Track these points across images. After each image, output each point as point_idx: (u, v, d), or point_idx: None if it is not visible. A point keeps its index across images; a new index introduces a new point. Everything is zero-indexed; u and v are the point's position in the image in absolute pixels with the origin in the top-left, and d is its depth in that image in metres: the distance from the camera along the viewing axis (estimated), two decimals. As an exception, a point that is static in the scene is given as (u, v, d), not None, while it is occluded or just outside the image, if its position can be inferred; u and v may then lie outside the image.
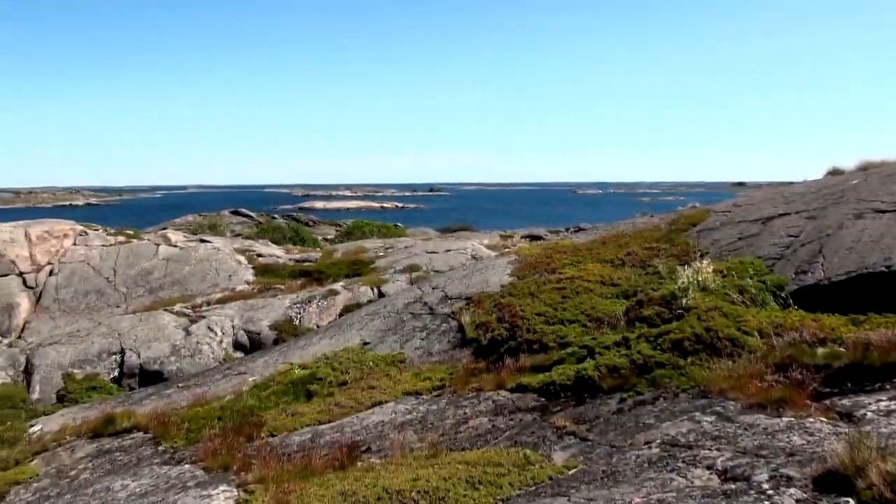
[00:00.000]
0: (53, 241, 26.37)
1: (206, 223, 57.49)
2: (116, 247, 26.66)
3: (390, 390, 10.86)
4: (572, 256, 15.46)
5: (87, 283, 24.94)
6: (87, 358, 18.24)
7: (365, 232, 47.19)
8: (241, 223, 66.97)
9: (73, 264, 25.59)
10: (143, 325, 19.27)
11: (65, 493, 9.53)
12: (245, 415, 10.80)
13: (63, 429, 12.73)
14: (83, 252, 26.22)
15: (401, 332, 13.40)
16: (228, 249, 27.56)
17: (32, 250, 25.70)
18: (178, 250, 26.66)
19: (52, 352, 18.51)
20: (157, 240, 27.88)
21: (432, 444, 8.45)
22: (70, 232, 27.27)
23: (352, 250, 28.53)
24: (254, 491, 7.75)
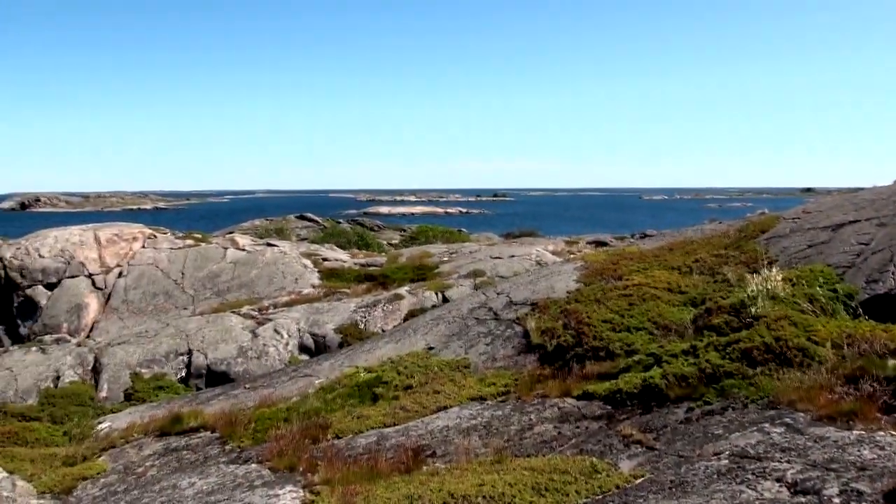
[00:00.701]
0: (122, 243, 26.84)
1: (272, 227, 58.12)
2: (185, 250, 27.04)
3: (455, 395, 10.86)
4: (639, 263, 15.34)
5: (156, 284, 25.33)
6: (155, 358, 18.51)
7: (429, 237, 47.26)
8: (306, 227, 67.51)
9: (141, 266, 26.01)
10: (211, 326, 19.50)
11: (132, 489, 9.67)
12: (311, 416, 10.88)
13: (131, 426, 12.94)
14: (152, 255, 26.64)
15: (465, 338, 13.39)
16: (295, 253, 27.78)
17: (102, 252, 26.18)
18: (246, 254, 26.95)
19: (121, 351, 18.81)
20: (225, 243, 28.20)
21: (497, 449, 8.44)
22: (139, 235, 27.73)
23: (416, 255, 28.57)
24: (320, 492, 7.79)
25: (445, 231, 50.72)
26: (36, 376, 18.05)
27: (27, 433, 13.96)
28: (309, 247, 33.06)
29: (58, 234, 27.18)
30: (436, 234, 48.85)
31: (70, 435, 14.01)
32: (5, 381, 17.94)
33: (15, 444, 13.19)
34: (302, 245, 34.48)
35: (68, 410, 16.47)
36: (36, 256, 25.80)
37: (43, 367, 18.42)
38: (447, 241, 42.45)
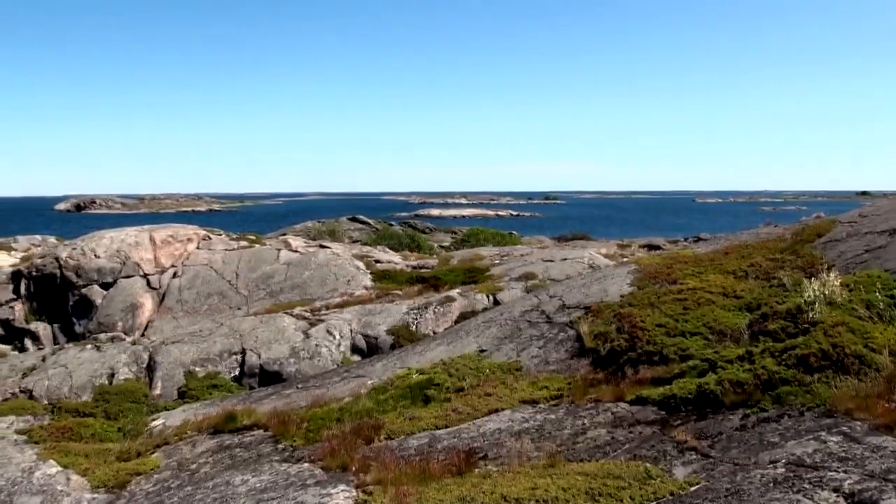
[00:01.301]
0: (177, 244, 27.15)
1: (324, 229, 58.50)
2: (239, 251, 27.30)
3: (507, 398, 10.81)
4: (693, 267, 15.17)
5: (210, 285, 25.59)
6: (209, 357, 18.69)
7: (480, 239, 47.23)
8: (358, 229, 67.87)
9: (196, 267, 26.29)
10: (264, 326, 19.65)
11: (185, 486, 9.74)
12: (363, 417, 10.89)
13: (184, 424, 13.06)
14: (206, 256, 26.93)
15: (517, 341, 13.33)
16: (347, 255, 27.93)
17: (157, 253, 26.52)
18: (299, 255, 27.14)
19: (175, 350, 19.01)
20: (279, 245, 28.43)
21: (550, 453, 8.38)
22: (194, 236, 28.05)
23: (468, 258, 28.58)
24: (372, 492, 7.80)
25: (496, 233, 50.68)
26: (91, 373, 18.30)
27: (81, 428, 14.15)
28: (361, 249, 33.24)
29: (113, 235, 27.58)
30: (487, 236, 48.82)
31: (124, 431, 14.18)
32: (60, 378, 18.21)
33: (69, 439, 13.36)
34: (354, 247, 34.68)
35: (122, 407, 16.70)
36: (92, 257, 26.18)
37: (98, 365, 18.67)
38: (498, 243, 42.42)
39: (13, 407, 17.24)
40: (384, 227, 70.14)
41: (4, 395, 18.12)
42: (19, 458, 11.49)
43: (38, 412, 16.95)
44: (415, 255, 34.45)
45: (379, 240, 50.05)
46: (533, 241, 47.15)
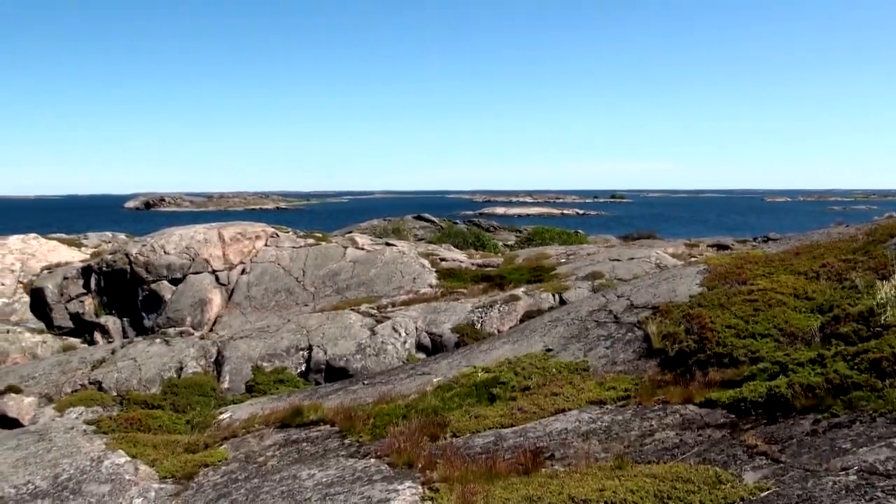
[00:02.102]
0: (246, 241, 27.49)
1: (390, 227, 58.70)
2: (306, 248, 27.55)
3: (574, 398, 10.73)
4: (764, 267, 14.91)
5: (277, 281, 25.87)
6: (276, 352, 18.84)
7: (545, 238, 47.06)
8: (423, 228, 68.05)
9: (264, 264, 26.60)
10: (331, 323, 19.76)
11: (252, 478, 9.82)
12: (429, 414, 10.89)
13: (252, 417, 13.19)
14: (274, 253, 27.22)
15: (584, 340, 13.22)
16: (413, 253, 28.01)
17: (225, 250, 26.86)
18: (365, 253, 27.29)
19: (243, 345, 19.20)
20: (345, 242, 28.62)
21: (618, 454, 8.29)
22: (262, 234, 28.36)
23: (533, 256, 28.47)
24: (438, 489, 7.79)
25: (562, 232, 50.44)
26: (160, 367, 18.56)
27: (150, 420, 14.35)
28: (427, 247, 33.30)
29: (183, 232, 28.01)
30: (552, 235, 48.62)
31: (192, 423, 14.37)
32: (129, 371, 18.50)
33: (138, 430, 13.55)
34: (419, 245, 34.76)
35: (190, 400, 16.91)
36: (161, 253, 26.60)
37: (167, 358, 18.93)
38: (564, 242, 42.22)
39: (82, 398, 17.57)
40: (449, 225, 70.24)
41: (74, 386, 18.46)
42: (88, 448, 11.67)
43: (106, 403, 17.26)
44: (480, 254, 34.42)
45: (444, 238, 50.09)
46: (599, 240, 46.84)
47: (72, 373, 19.04)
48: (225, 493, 9.39)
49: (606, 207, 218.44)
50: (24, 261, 29.40)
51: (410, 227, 65.70)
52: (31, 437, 12.73)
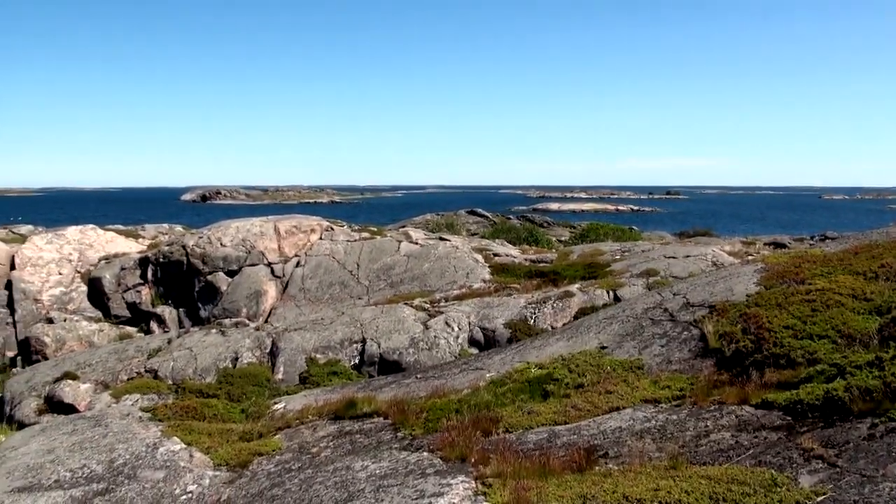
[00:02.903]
0: (301, 235, 27.71)
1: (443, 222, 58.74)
2: (360, 242, 27.69)
3: (628, 396, 10.66)
4: (822, 267, 14.69)
5: (332, 275, 26.02)
6: (330, 345, 18.95)
7: (599, 234, 46.80)
8: (476, 223, 68.04)
9: (318, 257, 26.78)
10: (384, 317, 19.85)
11: (306, 468, 9.89)
12: (482, 409, 10.88)
13: (305, 408, 13.28)
14: (328, 246, 27.39)
15: (639, 338, 13.12)
16: (466, 248, 28.01)
17: (281, 243, 27.10)
18: (419, 247, 27.35)
19: (297, 337, 19.35)
20: (399, 237, 28.72)
21: (672, 455, 8.22)
22: (317, 227, 28.56)
23: (587, 252, 28.33)
24: (492, 484, 7.79)
25: (616, 229, 50.11)
26: (215, 356, 18.79)
27: (205, 409, 14.51)
28: (480, 242, 33.29)
29: (239, 224, 28.32)
30: (606, 231, 48.31)
31: (247, 413, 14.51)
32: (185, 360, 18.76)
33: (193, 418, 13.71)
34: (473, 240, 34.77)
35: (245, 390, 17.09)
36: (218, 245, 26.91)
37: (222, 349, 19.15)
38: (618, 238, 41.97)
39: (138, 386, 17.86)
40: (502, 220, 70.15)
41: (130, 374, 18.75)
42: (144, 434, 11.83)
43: (162, 391, 17.52)
44: (533, 249, 34.31)
45: (497, 233, 50.03)
46: (654, 236, 46.50)
47: (128, 361, 19.34)
48: (278, 483, 9.48)
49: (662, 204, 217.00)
50: (81, 251, 29.91)
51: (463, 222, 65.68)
52: (87, 422, 12.93)
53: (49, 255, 29.09)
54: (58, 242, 30.23)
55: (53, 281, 27.98)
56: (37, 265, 28.27)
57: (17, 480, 10.32)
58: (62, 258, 29.18)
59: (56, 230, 32.85)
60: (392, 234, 29.62)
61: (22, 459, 11.16)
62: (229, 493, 9.47)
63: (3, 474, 10.66)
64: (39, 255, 28.79)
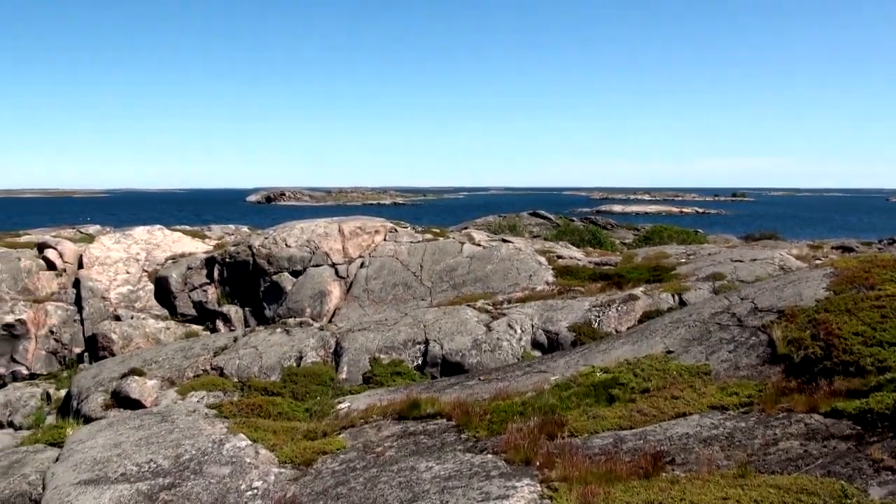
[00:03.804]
0: (365, 236, 27.93)
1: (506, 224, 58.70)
2: (423, 243, 27.80)
3: (695, 402, 10.53)
4: (892, 272, 14.33)
5: (395, 276, 26.16)
6: (393, 345, 19.05)
7: (664, 237, 46.46)
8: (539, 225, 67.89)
9: (382, 258, 26.95)
10: (447, 318, 19.89)
11: (370, 467, 9.93)
12: (546, 412, 10.84)
13: (369, 408, 13.34)
14: (392, 247, 27.56)
15: (706, 343, 12.95)
16: (529, 250, 27.97)
17: (345, 244, 27.34)
18: (482, 249, 27.37)
19: (361, 337, 19.48)
20: (462, 238, 28.79)
21: (740, 463, 8.12)
22: (381, 228, 28.77)
23: (652, 255, 28.13)
24: (557, 489, 7.77)
25: (681, 231, 49.69)
26: (280, 355, 18.99)
27: (270, 406, 14.66)
28: (543, 244, 33.22)
29: (304, 225, 28.66)
30: (671, 234, 47.93)
31: (311, 411, 14.64)
32: (250, 358, 18.99)
33: (258, 415, 13.86)
34: (536, 242, 34.70)
35: (309, 388, 17.25)
36: (283, 246, 27.23)
37: (287, 348, 19.35)
38: (683, 241, 41.62)
39: (204, 383, 18.14)
40: (565, 222, 69.85)
41: (196, 371, 19.05)
42: (210, 431, 11.99)
43: (227, 389, 17.77)
44: (597, 252, 34.16)
45: (560, 235, 49.88)
46: (719, 239, 46.02)
47: (194, 358, 19.64)
48: (343, 481, 9.53)
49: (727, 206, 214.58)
50: (149, 251, 30.45)
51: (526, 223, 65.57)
52: (154, 418, 13.15)
53: (117, 254, 29.66)
54: (125, 242, 30.81)
55: (121, 280, 28.51)
56: (104, 264, 28.82)
57: (84, 473, 10.52)
58: (130, 257, 29.73)
59: (124, 230, 33.51)
60: (455, 236, 29.69)
61: (89, 453, 11.37)
62: (294, 491, 9.55)
63: (70, 467, 10.88)
64: (107, 255, 29.35)
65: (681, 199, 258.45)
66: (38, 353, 25.57)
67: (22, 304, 26.24)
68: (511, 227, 55.67)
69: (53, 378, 24.43)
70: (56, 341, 25.96)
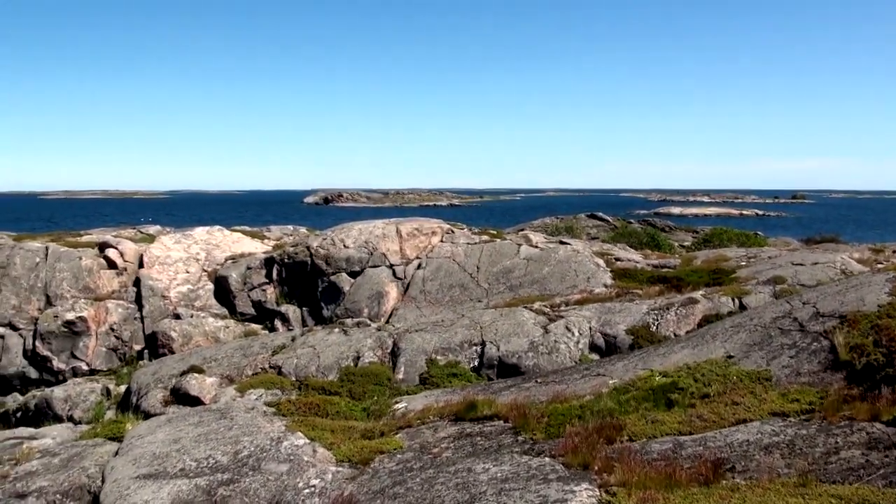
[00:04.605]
0: (422, 237, 28.02)
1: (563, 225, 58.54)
2: (480, 245, 27.81)
3: (755, 409, 10.41)
4: (957, 276, 14.13)
5: (452, 277, 26.20)
6: (450, 346, 19.06)
7: (724, 240, 45.96)
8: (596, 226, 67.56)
9: (439, 259, 27.01)
10: (504, 320, 19.85)
11: (427, 468, 9.98)
12: (604, 416, 10.79)
13: (426, 409, 13.41)
14: (449, 248, 27.61)
15: (767, 348, 12.78)
16: (587, 252, 27.84)
17: (402, 245, 27.46)
18: (539, 251, 27.30)
19: (418, 338, 19.52)
20: (519, 240, 28.74)
21: (801, 471, 8.02)
22: (438, 230, 28.85)
23: (712, 258, 27.85)
24: (616, 493, 7.73)
25: (741, 234, 49.08)
26: (337, 355, 19.08)
27: (328, 405, 14.81)
28: (601, 246, 33.08)
29: (362, 226, 28.84)
30: (730, 236, 47.37)
31: (368, 411, 14.74)
32: (308, 358, 19.11)
33: (315, 414, 14.02)
34: (594, 244, 34.55)
35: (366, 388, 17.34)
36: (341, 246, 27.42)
37: (344, 347, 19.44)
38: (743, 244, 41.16)
39: (262, 381, 18.30)
40: (623, 224, 69.46)
41: (255, 369, 19.23)
42: (268, 428, 12.13)
43: (285, 387, 17.91)
44: (656, 254, 33.90)
45: (617, 237, 49.60)
46: (779, 242, 45.42)
47: (253, 357, 19.82)
48: (400, 481, 9.59)
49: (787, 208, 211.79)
50: (208, 251, 30.86)
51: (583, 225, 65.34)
52: (213, 415, 13.35)
53: (177, 254, 30.08)
54: (185, 242, 31.25)
55: (181, 279, 28.91)
56: (165, 263, 29.25)
57: (143, 467, 10.72)
58: (190, 257, 30.15)
59: (184, 231, 33.97)
60: (512, 238, 29.66)
61: (148, 448, 11.58)
62: (352, 489, 9.63)
63: (130, 461, 11.09)
64: (167, 254, 29.78)
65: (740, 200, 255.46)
66: (98, 349, 26.04)
67: (83, 301, 26.76)
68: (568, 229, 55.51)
69: (113, 374, 24.85)
70: (116, 338, 26.42)
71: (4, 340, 25.86)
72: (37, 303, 26.61)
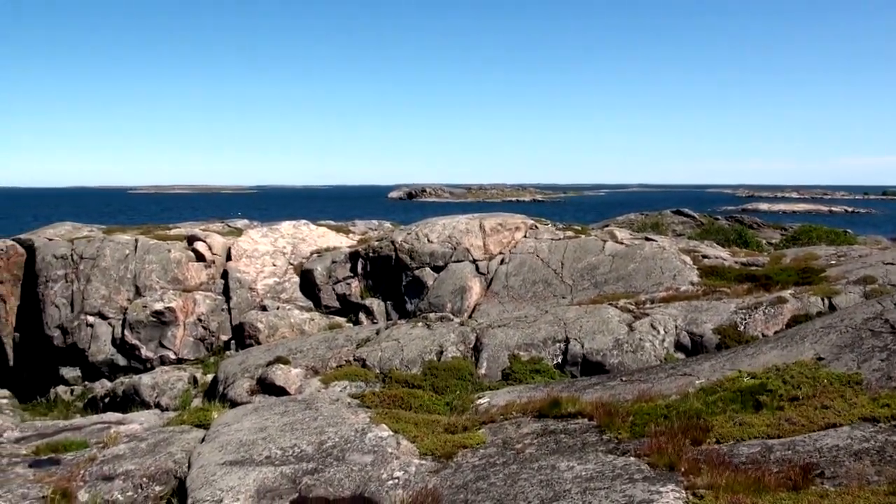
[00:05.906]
0: (506, 232, 28.06)
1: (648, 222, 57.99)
2: (564, 241, 27.73)
3: (845, 413, 10.17)
4: None
5: (535, 273, 26.16)
6: (533, 343, 19.04)
7: (812, 237, 45.04)
8: (682, 223, 66.77)
9: (522, 255, 27.00)
10: (588, 317, 19.76)
11: (510, 464, 9.99)
12: (691, 417, 10.65)
13: (509, 405, 13.38)
14: (532, 244, 27.58)
15: (858, 351, 12.47)
16: (673, 249, 27.53)
17: (486, 240, 27.54)
18: (624, 247, 27.11)
19: (500, 333, 19.55)
20: (604, 236, 28.57)
21: (891, 479, 7.82)
22: (521, 225, 28.85)
23: (801, 256, 27.33)
24: (703, 496, 7.62)
25: (830, 231, 48.03)
26: (421, 349, 19.22)
27: (411, 399, 14.90)
28: (688, 243, 32.68)
29: (445, 221, 28.95)
30: (819, 234, 46.38)
31: (451, 405, 14.79)
32: (392, 351, 19.28)
33: (399, 407, 14.10)
34: (680, 241, 34.15)
35: (449, 383, 17.45)
36: (425, 241, 27.58)
37: (427, 342, 19.56)
38: (832, 242, 40.27)
39: (347, 373, 18.54)
40: (709, 221, 68.52)
41: (339, 361, 19.47)
42: (353, 420, 12.27)
43: (369, 380, 18.12)
44: (744, 252, 33.36)
45: (704, 234, 48.94)
46: (869, 240, 44.32)
47: (337, 349, 20.07)
48: (483, 476, 9.62)
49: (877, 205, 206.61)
50: (294, 244, 31.28)
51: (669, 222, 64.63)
52: (298, 405, 13.55)
53: (264, 247, 30.58)
54: (272, 236, 31.73)
55: (268, 272, 29.38)
56: (252, 257, 29.74)
57: (230, 454, 10.93)
58: (276, 251, 30.62)
59: (271, 225, 34.47)
60: (596, 234, 29.49)
61: (235, 435, 11.80)
62: (435, 482, 9.69)
63: (216, 448, 11.31)
64: (255, 248, 30.29)
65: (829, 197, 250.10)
66: (186, 339, 26.63)
67: (171, 292, 27.38)
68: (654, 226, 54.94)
69: (200, 363, 25.46)
70: (204, 329, 26.98)
71: (94, 329, 26.57)
72: (126, 293, 27.27)
